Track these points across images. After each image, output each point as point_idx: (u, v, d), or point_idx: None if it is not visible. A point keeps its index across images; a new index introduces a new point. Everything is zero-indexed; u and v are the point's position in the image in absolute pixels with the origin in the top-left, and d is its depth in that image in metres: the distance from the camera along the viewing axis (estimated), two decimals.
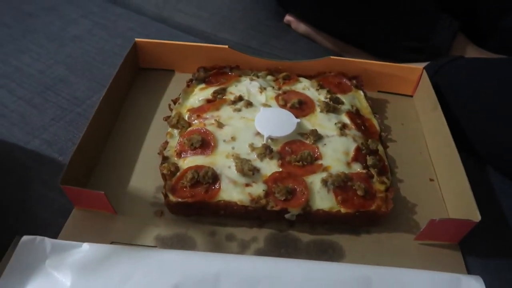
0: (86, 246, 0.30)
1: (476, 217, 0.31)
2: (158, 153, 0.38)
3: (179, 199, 0.34)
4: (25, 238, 0.30)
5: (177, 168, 0.36)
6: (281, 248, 0.34)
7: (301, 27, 0.59)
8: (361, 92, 0.45)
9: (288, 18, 0.60)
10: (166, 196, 0.34)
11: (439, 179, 0.40)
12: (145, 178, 0.38)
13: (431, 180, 0.40)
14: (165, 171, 0.35)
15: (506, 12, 0.53)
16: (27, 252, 0.30)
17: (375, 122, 0.42)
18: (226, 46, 0.47)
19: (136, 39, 0.48)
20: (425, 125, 0.45)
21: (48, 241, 0.30)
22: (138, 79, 0.49)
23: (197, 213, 0.35)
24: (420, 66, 0.47)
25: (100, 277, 0.29)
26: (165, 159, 0.37)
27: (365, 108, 0.44)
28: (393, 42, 0.52)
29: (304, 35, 0.59)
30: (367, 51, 0.55)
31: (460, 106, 0.42)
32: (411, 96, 0.49)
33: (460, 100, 0.43)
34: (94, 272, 0.29)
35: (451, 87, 0.44)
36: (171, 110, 0.43)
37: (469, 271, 0.33)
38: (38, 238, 0.30)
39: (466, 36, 0.53)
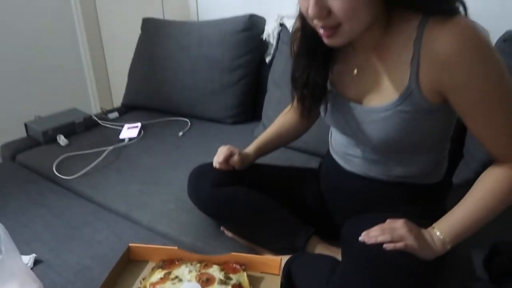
0: None
1: None
2: None
3: None
4: None
5: None
6: None
7: (229, 233, 1.01)
8: (245, 273, 0.83)
9: (222, 228, 1.03)
10: None
11: None
12: None
13: None
14: None
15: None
16: None
17: None
18: (176, 247, 0.88)
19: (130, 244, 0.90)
20: None
21: None
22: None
23: None
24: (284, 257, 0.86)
25: None
26: None
27: (245, 282, 0.81)
28: (272, 244, 0.93)
29: (231, 237, 1.01)
30: (263, 247, 0.96)
31: None
32: (278, 274, 0.86)
33: None
34: None
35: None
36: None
37: None
38: None
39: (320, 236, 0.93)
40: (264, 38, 1.58)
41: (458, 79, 0.67)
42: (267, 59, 1.60)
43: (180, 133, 1.56)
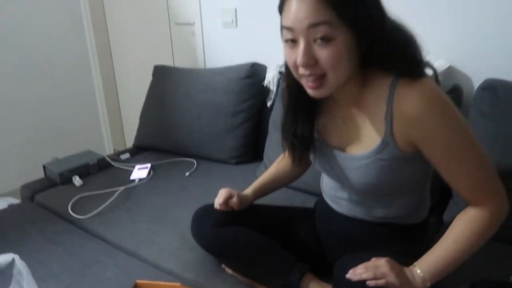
0: None
1: None
2: None
3: None
4: None
5: None
6: None
7: (229, 271, 1.08)
8: None
9: (223, 266, 1.10)
10: None
11: None
12: None
13: None
14: None
15: None
16: None
17: None
18: (179, 284, 0.95)
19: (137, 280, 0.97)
20: None
21: None
22: None
23: None
24: None
25: None
26: None
27: None
28: (270, 281, 1.00)
29: (231, 274, 1.08)
30: (261, 284, 1.02)
31: None
32: None
33: None
34: None
35: None
36: None
37: None
38: None
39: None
40: (265, 85, 1.70)
41: (425, 134, 0.76)
42: (269, 104, 1.72)
43: (187, 174, 1.66)
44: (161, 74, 1.96)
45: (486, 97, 1.19)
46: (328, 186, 1.02)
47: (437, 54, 1.40)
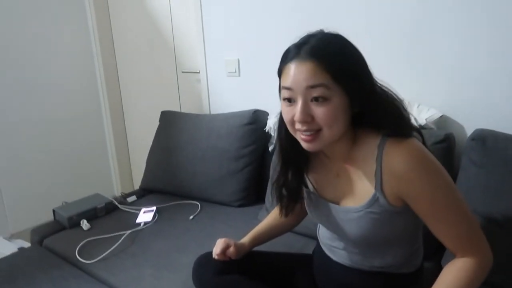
0: None
1: None
2: None
3: None
4: None
5: None
6: None
7: None
8: None
9: None
10: None
11: None
12: None
13: None
14: None
15: None
16: None
17: None
18: None
19: None
20: None
21: None
22: None
23: None
24: None
25: None
26: None
27: None
28: None
29: None
30: None
31: None
32: None
33: None
34: None
35: None
36: None
37: None
38: None
39: None
40: (267, 130, 1.78)
41: (412, 190, 0.82)
42: (270, 148, 1.78)
43: (191, 217, 1.71)
44: (168, 119, 2.05)
45: (475, 147, 1.24)
46: (324, 236, 1.06)
47: (430, 104, 1.47)
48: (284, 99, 0.84)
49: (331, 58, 0.78)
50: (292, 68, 0.80)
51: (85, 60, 2.56)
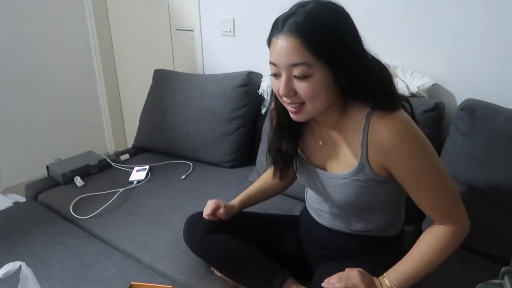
0: None
1: None
2: None
3: None
4: None
5: None
6: None
7: (218, 273, 1.16)
8: None
9: (212, 268, 1.19)
10: None
11: None
12: None
13: None
14: None
15: None
16: None
17: None
18: (170, 286, 1.04)
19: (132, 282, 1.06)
20: None
21: None
22: None
23: None
24: None
25: None
26: None
27: None
28: (254, 285, 1.08)
29: (220, 277, 1.16)
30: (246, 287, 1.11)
31: None
32: None
33: None
34: None
35: None
36: None
37: None
38: None
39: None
40: (260, 93, 1.77)
41: (396, 161, 0.84)
42: (263, 111, 1.79)
43: (183, 177, 1.74)
44: (161, 78, 2.03)
45: (464, 117, 1.26)
46: (311, 200, 1.10)
47: (423, 72, 1.47)
48: (271, 73, 0.85)
49: (314, 35, 0.78)
50: (277, 44, 0.81)
51: (77, 18, 2.48)
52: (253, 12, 1.84)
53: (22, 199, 1.81)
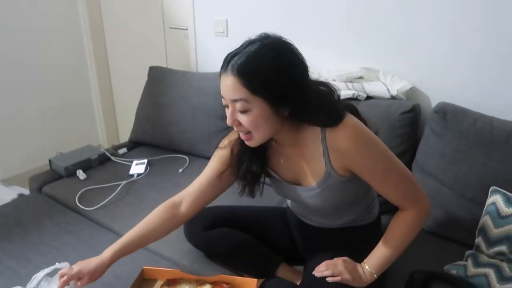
0: None
1: None
2: None
3: None
4: None
5: None
6: None
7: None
8: None
9: None
10: None
11: None
12: None
13: None
14: None
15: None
16: None
17: None
18: (178, 270, 1.17)
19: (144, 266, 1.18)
20: None
21: None
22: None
23: None
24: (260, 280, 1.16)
25: None
26: None
27: None
28: (250, 271, 1.22)
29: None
30: (245, 273, 1.25)
31: None
32: None
33: None
34: None
35: None
36: None
37: None
38: None
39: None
40: None
41: (357, 161, 0.95)
42: None
43: (180, 170, 1.86)
44: (156, 75, 2.12)
45: (437, 119, 1.42)
46: (293, 205, 1.23)
47: (402, 76, 1.62)
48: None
49: (252, 75, 0.85)
50: (222, 80, 0.90)
51: (70, 12, 2.52)
52: (246, 14, 1.95)
53: (25, 191, 1.89)
